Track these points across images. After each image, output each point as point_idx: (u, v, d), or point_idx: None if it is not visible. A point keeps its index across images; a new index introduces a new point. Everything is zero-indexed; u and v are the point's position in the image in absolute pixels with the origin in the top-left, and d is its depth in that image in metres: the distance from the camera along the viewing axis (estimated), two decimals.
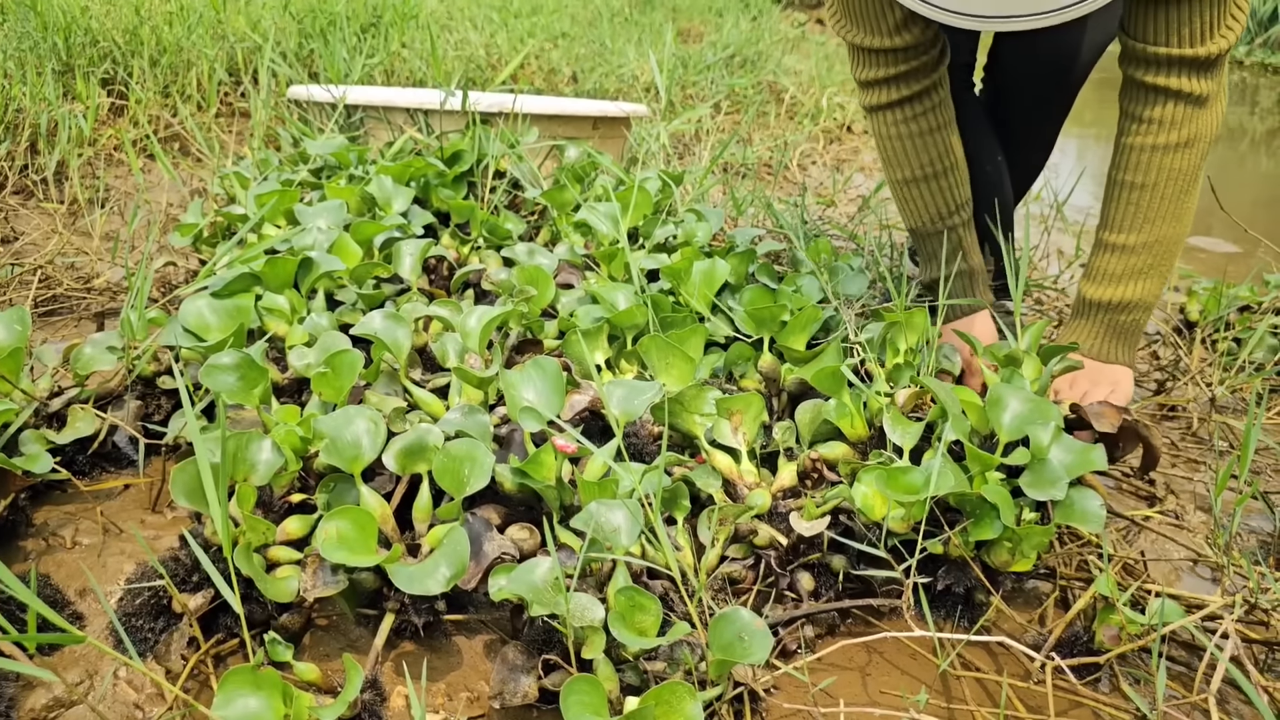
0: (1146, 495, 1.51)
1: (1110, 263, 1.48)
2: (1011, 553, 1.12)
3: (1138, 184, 1.43)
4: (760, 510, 1.17)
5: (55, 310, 1.87)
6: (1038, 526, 1.09)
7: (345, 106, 2.66)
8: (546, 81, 4.09)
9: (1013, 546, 1.11)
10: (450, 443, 1.12)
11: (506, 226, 1.92)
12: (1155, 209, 1.43)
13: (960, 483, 1.09)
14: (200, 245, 1.86)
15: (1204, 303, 2.08)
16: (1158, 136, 1.40)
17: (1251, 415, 1.17)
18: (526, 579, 0.98)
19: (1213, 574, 1.33)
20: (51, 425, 1.32)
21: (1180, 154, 1.40)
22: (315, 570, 1.02)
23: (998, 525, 1.09)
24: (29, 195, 2.46)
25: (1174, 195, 1.42)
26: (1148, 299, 1.48)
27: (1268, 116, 7.27)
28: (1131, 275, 1.47)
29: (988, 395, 1.23)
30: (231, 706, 0.86)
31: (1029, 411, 1.21)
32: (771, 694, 1.03)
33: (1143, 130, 1.41)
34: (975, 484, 1.13)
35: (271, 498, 1.14)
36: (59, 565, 1.17)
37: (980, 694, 1.07)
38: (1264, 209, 4.01)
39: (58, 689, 0.96)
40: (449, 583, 0.99)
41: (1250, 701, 1.08)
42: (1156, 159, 1.41)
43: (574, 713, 0.86)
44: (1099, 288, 1.49)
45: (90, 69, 3.06)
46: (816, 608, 1.12)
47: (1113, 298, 1.48)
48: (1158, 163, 1.41)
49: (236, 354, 1.24)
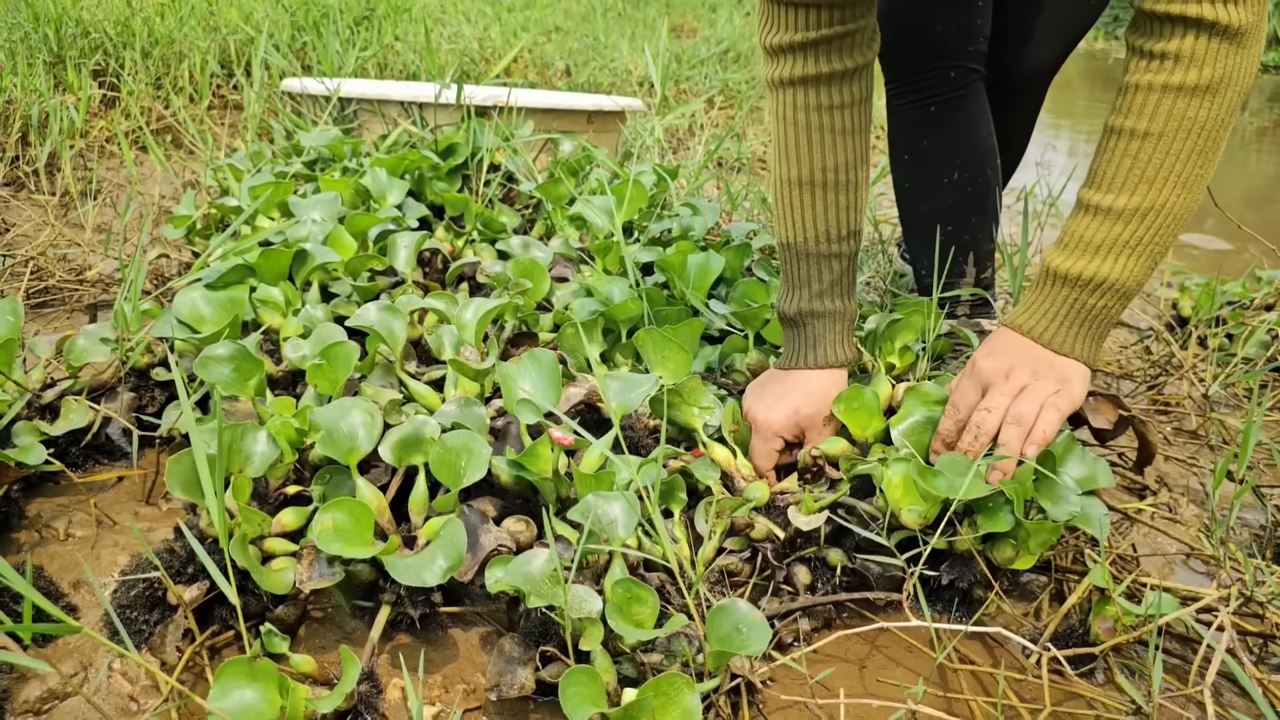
0: (1139, 489, 1.52)
1: (1089, 228, 1.15)
2: (1016, 550, 1.12)
3: (1139, 132, 1.11)
4: (759, 503, 1.17)
5: (47, 302, 1.86)
6: (1046, 523, 1.09)
7: (339, 99, 2.65)
8: (540, 76, 4.09)
9: (1018, 544, 1.11)
10: (446, 434, 1.12)
11: (501, 220, 1.91)
12: (1158, 167, 1.11)
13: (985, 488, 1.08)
14: (193, 237, 1.85)
15: (1196, 298, 2.08)
16: (1172, 75, 1.09)
17: (1253, 407, 1.17)
18: (524, 570, 0.98)
19: (1206, 567, 1.34)
20: (44, 417, 1.31)
21: (1201, 101, 1.09)
22: (311, 562, 1.02)
23: (1009, 519, 1.09)
24: (20, 187, 2.45)
25: (1186, 154, 1.10)
26: (1128, 283, 1.15)
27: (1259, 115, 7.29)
28: (1113, 248, 1.14)
29: None
30: (227, 698, 0.86)
31: None
32: (769, 686, 1.03)
33: (1154, 68, 1.10)
34: None
35: (267, 489, 1.14)
36: (52, 557, 1.17)
37: (975, 686, 1.08)
38: (1255, 207, 4.03)
39: (52, 681, 0.96)
40: (445, 574, 0.99)
41: (1243, 693, 1.09)
42: (1168, 103, 1.10)
43: (573, 704, 0.86)
44: (1069, 257, 1.16)
45: (82, 60, 3.04)
46: (813, 600, 1.12)
47: (1084, 272, 1.15)
48: (1168, 108, 1.10)
49: (231, 345, 1.23)
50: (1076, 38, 1.72)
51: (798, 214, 1.32)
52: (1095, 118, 6.54)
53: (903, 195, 1.77)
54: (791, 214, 1.33)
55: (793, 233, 1.33)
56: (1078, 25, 1.70)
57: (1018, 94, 1.79)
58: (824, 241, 1.31)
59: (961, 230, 1.70)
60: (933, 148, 1.68)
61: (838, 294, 1.33)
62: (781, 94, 1.30)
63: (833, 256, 1.32)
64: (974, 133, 1.67)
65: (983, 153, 1.68)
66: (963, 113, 1.65)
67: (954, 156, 1.67)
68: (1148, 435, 1.34)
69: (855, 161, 1.31)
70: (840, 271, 1.33)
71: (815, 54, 1.26)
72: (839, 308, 1.33)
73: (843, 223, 1.32)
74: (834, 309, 1.32)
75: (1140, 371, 1.92)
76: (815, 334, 1.33)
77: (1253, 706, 1.06)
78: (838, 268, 1.32)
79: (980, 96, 1.68)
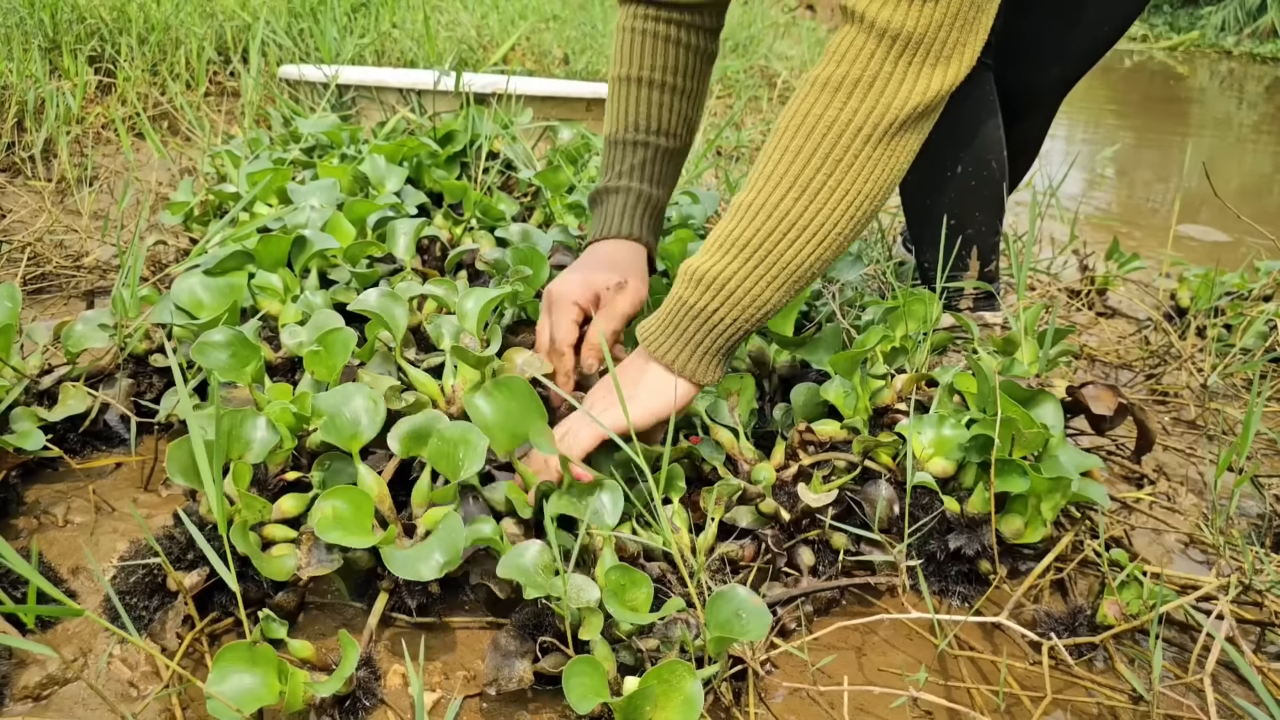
0: (1137, 478, 1.52)
1: (719, 227, 1.08)
2: (1026, 519, 1.12)
3: (778, 127, 1.05)
4: (766, 484, 1.17)
5: (44, 288, 1.86)
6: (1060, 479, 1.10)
7: (337, 86, 2.64)
8: (538, 63, 4.07)
9: (1028, 510, 1.12)
10: (443, 426, 1.12)
11: (500, 207, 1.91)
12: (775, 163, 1.03)
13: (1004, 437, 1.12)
14: (191, 224, 1.84)
15: (1195, 289, 2.09)
16: (818, 68, 1.02)
17: (1254, 396, 1.17)
18: (517, 563, 0.97)
19: (1205, 556, 1.34)
20: (43, 403, 1.30)
21: (832, 98, 1.00)
22: (310, 548, 1.01)
23: (1024, 480, 1.09)
24: (16, 173, 2.44)
25: (807, 154, 1.01)
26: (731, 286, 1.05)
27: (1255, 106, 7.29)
28: (724, 245, 1.05)
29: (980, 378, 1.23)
30: (227, 682, 0.86)
31: None
32: (770, 672, 1.03)
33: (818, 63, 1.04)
34: None
35: (266, 476, 1.13)
36: (51, 543, 1.16)
37: (975, 673, 1.08)
38: (1250, 198, 4.03)
39: (52, 666, 0.96)
40: (442, 569, 0.99)
41: (1241, 681, 1.09)
42: (800, 96, 1.03)
43: (577, 694, 0.86)
44: (695, 255, 1.10)
45: (78, 46, 3.03)
46: (816, 586, 1.12)
47: (697, 266, 1.07)
48: (799, 102, 1.03)
49: (229, 331, 1.23)
50: (1087, 65, 1.69)
51: (618, 107, 1.36)
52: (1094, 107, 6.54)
53: (906, 188, 1.76)
54: (613, 108, 1.37)
55: (612, 125, 1.37)
56: (1088, 53, 1.66)
57: (1029, 111, 1.76)
58: (636, 130, 1.34)
59: (966, 224, 1.69)
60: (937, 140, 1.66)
61: (640, 177, 1.34)
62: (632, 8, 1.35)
63: (640, 144, 1.34)
64: (980, 125, 1.65)
65: (988, 145, 1.65)
66: (968, 104, 1.63)
67: (959, 150, 1.65)
68: (1147, 422, 1.34)
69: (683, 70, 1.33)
70: (646, 159, 1.34)
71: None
72: (639, 188, 1.33)
73: (659, 119, 1.34)
74: (632, 187, 1.33)
75: (1139, 361, 1.92)
76: (609, 209, 1.35)
77: (1250, 694, 1.07)
78: (643, 154, 1.34)
79: (986, 88, 1.65)
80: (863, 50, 0.98)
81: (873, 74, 0.99)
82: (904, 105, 0.99)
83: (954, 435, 1.18)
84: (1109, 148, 4.89)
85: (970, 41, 1.00)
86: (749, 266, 1.04)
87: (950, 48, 0.99)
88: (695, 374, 1.10)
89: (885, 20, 0.96)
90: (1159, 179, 4.49)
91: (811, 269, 1.06)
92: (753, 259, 1.04)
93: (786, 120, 1.04)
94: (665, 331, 1.10)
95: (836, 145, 1.00)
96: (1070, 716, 1.02)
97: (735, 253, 1.05)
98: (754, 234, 1.04)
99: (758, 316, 1.07)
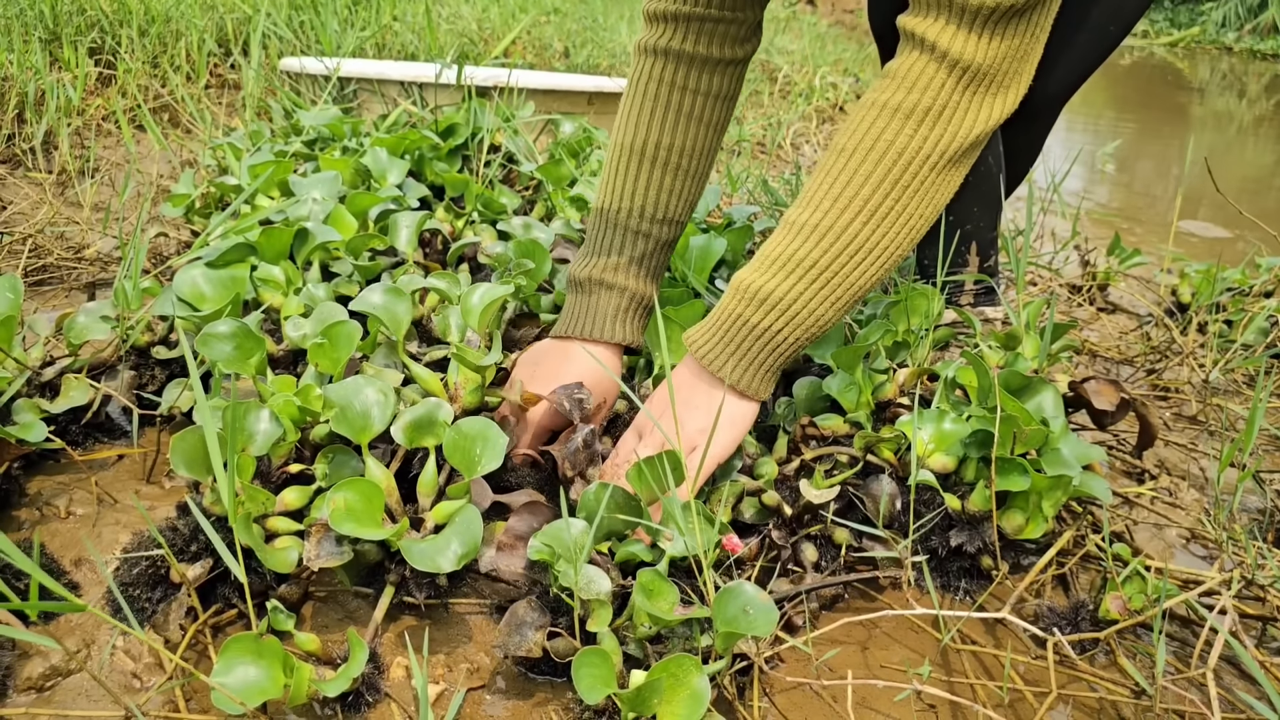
0: (1138, 473, 1.52)
1: (772, 243, 1.09)
2: (1027, 515, 1.12)
3: (837, 147, 1.06)
4: (769, 478, 1.18)
5: (45, 280, 1.85)
6: (1061, 477, 1.10)
7: (338, 79, 2.63)
8: (539, 57, 4.07)
9: (1029, 508, 1.12)
10: (461, 420, 1.11)
11: (501, 201, 1.90)
12: (844, 186, 1.04)
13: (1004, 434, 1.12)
14: (192, 216, 1.84)
15: (1196, 285, 2.09)
16: (883, 92, 1.04)
17: (1259, 391, 1.17)
18: (558, 536, 0.97)
19: (1207, 551, 1.34)
20: (45, 395, 1.30)
21: (903, 125, 1.02)
22: (319, 540, 1.01)
23: (1024, 479, 1.10)
24: (17, 164, 2.43)
25: (876, 180, 1.03)
26: (794, 306, 1.06)
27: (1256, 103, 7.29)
28: (785, 264, 1.07)
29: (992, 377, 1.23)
30: (232, 674, 0.85)
31: None
32: (775, 667, 1.03)
33: (877, 86, 1.06)
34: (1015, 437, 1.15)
35: (269, 468, 1.13)
36: (53, 535, 1.16)
37: (978, 668, 1.08)
38: (1251, 194, 4.03)
39: (55, 658, 0.96)
40: (460, 561, 0.98)
41: (1243, 675, 1.09)
42: (868, 120, 1.04)
43: (586, 684, 0.86)
44: (748, 271, 1.10)
45: (78, 38, 3.02)
46: (820, 581, 1.12)
47: (753, 283, 1.08)
48: (866, 125, 1.04)
49: (233, 323, 1.22)
50: (1092, 67, 1.68)
51: (621, 182, 1.29)
52: (1095, 103, 6.54)
53: None
54: (615, 180, 1.29)
55: (611, 199, 1.30)
56: (1093, 54, 1.65)
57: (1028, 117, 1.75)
58: (638, 218, 1.28)
59: (964, 220, 1.69)
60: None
61: (636, 274, 1.27)
62: (644, 61, 1.27)
63: (643, 235, 1.28)
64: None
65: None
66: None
67: None
68: (1149, 417, 1.34)
69: (696, 151, 1.27)
70: (645, 252, 1.28)
71: (689, 30, 1.23)
72: (634, 287, 1.27)
73: (664, 205, 1.28)
74: (628, 287, 1.27)
75: (1140, 357, 1.92)
76: (600, 305, 1.27)
77: (1252, 688, 1.07)
78: (644, 247, 1.28)
79: None
80: (934, 79, 1.01)
81: (943, 103, 1.01)
82: (969, 134, 1.02)
83: (954, 430, 1.18)
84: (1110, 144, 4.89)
85: (1025, 71, 1.03)
86: (814, 288, 1.06)
87: (1010, 78, 1.02)
88: (752, 389, 1.11)
89: (959, 52, 0.99)
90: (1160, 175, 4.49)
91: (869, 288, 1.08)
92: (818, 280, 1.06)
93: (853, 142, 1.05)
94: (722, 346, 1.11)
95: (906, 172, 1.02)
96: (1073, 711, 1.02)
97: (801, 274, 1.06)
98: (820, 255, 1.05)
99: (815, 333, 1.10)
